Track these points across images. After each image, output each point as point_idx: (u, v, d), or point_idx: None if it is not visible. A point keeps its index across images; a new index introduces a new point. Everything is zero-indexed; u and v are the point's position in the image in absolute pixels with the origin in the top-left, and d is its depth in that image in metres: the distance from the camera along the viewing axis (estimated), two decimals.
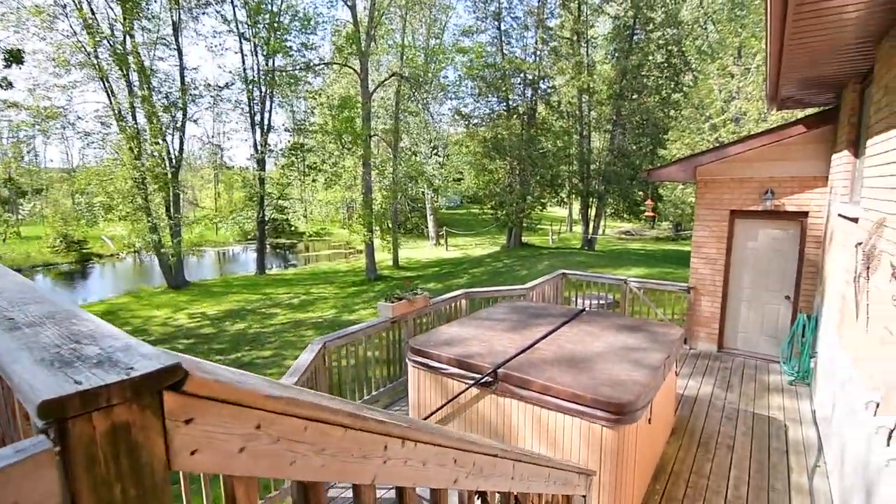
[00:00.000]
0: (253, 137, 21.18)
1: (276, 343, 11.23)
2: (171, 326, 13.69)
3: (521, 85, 22.25)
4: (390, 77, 19.51)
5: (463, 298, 6.09)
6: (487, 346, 3.88)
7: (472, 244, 29.34)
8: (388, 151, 22.19)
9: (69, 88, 15.74)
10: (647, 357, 3.57)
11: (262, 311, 14.73)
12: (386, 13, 19.36)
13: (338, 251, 31.81)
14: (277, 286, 19.04)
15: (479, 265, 20.03)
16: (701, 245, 6.52)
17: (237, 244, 36.56)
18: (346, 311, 13.89)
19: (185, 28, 17.63)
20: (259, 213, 21.74)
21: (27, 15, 14.79)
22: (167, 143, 17.53)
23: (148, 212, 16.86)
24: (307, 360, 3.87)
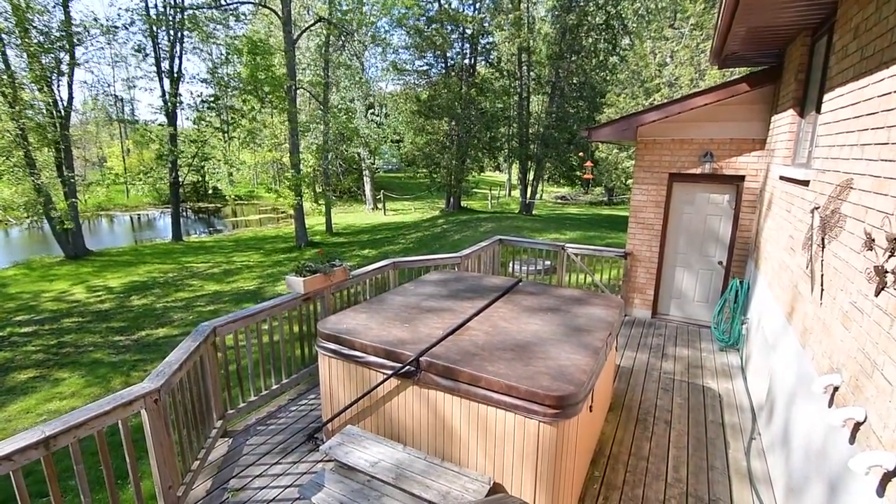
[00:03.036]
0: (161, 87, 18.72)
1: (187, 319, 10.10)
2: (64, 302, 12.00)
3: (459, 40, 21.20)
4: (316, 23, 17.71)
5: (390, 269, 5.48)
6: (411, 329, 3.32)
7: (411, 209, 28.54)
8: (317, 106, 20.50)
9: None
10: (588, 336, 3.18)
11: (175, 283, 13.32)
12: None
13: (268, 216, 29.84)
14: (196, 254, 17.40)
15: (417, 230, 19.40)
16: (639, 210, 6.29)
17: (153, 208, 33.38)
18: (270, 282, 12.85)
19: None
20: (172, 174, 19.56)
21: None
22: (51, 90, 14.97)
23: (31, 170, 14.47)
24: (189, 348, 3.13)
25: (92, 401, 6.71)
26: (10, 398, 6.98)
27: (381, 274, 5.37)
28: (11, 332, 9.94)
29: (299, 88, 17.08)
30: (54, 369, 7.93)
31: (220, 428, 3.66)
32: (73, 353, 8.54)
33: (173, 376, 2.81)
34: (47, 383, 7.42)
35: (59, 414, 6.43)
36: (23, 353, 8.75)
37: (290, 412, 4.16)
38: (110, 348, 8.68)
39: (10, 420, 6.38)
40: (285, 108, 15.22)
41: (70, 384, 7.32)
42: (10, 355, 8.66)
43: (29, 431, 2.21)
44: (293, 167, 16.20)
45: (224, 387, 3.73)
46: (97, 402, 2.49)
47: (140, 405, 2.57)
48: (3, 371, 7.94)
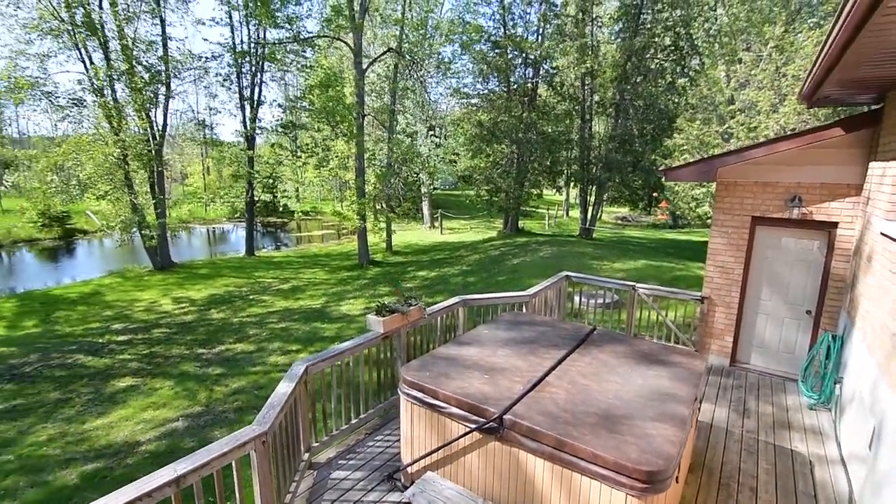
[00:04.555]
0: (242, 113, 20.28)
1: (262, 335, 10.75)
2: (154, 313, 13.16)
3: (522, 65, 21.40)
4: (385, 53, 18.57)
5: (460, 307, 5.63)
6: (491, 381, 3.42)
7: (468, 227, 28.81)
8: (382, 131, 21.38)
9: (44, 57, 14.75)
10: (674, 403, 3.13)
11: (249, 298, 14.23)
12: None
13: (329, 232, 31.17)
14: (267, 269, 18.49)
15: (475, 251, 19.54)
16: (717, 253, 6.06)
17: (227, 221, 35.75)
18: (336, 301, 13.41)
19: None
20: (248, 194, 21.00)
21: None
22: (150, 118, 16.65)
23: (129, 190, 16.10)
24: (287, 390, 3.40)
25: (182, 412, 7.33)
26: (111, 405, 7.74)
27: (452, 312, 5.52)
28: (110, 339, 11.03)
29: (367, 115, 17.90)
30: (148, 378, 8.71)
31: (306, 460, 3.91)
32: (164, 364, 9.35)
33: (276, 419, 3.08)
34: (142, 392, 8.16)
35: (154, 423, 7.07)
36: (120, 360, 9.68)
37: (367, 447, 4.35)
38: (195, 361, 9.42)
39: (111, 426, 7.08)
40: (353, 135, 15.99)
41: (161, 394, 8.01)
42: (110, 362, 9.61)
43: (163, 470, 2.50)
44: (358, 190, 16.91)
45: (311, 421, 3.99)
46: (216, 443, 2.77)
47: (251, 447, 2.83)
48: (104, 378, 8.83)
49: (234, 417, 7.01)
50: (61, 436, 6.85)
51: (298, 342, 10.17)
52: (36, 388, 8.42)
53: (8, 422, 7.28)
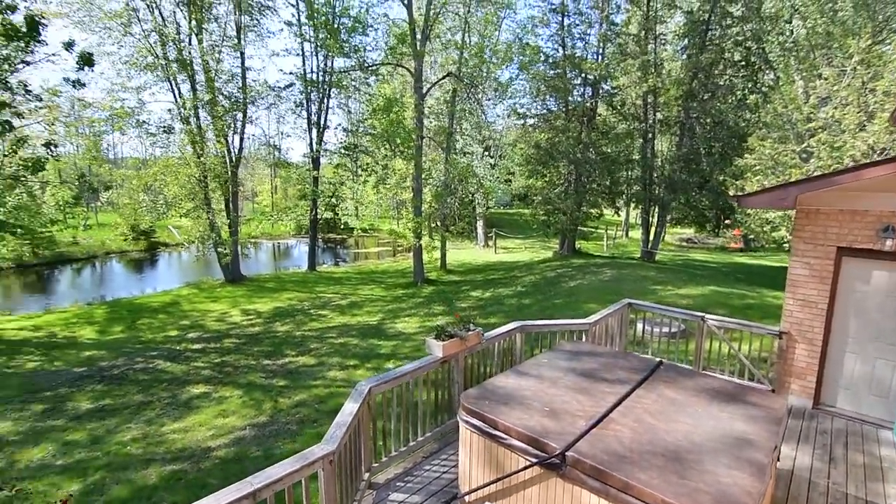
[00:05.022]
0: (309, 136, 21.50)
1: (321, 350, 11.17)
2: (225, 323, 14.04)
3: (581, 85, 21.22)
4: (444, 77, 19.10)
5: (518, 333, 5.60)
6: (553, 414, 3.38)
7: (522, 247, 28.57)
8: (439, 151, 21.87)
9: (140, 90, 16.51)
10: (751, 449, 2.94)
11: (310, 312, 14.84)
12: (443, 11, 18.94)
13: (386, 249, 31.99)
14: (327, 284, 19.25)
15: (530, 272, 19.32)
16: (798, 285, 5.65)
17: (291, 237, 37.58)
18: (392, 318, 13.70)
19: (248, 31, 18.02)
20: (312, 212, 22.09)
21: (105, 20, 15.57)
22: (228, 142, 18.06)
23: (208, 209, 17.46)
24: (352, 410, 3.54)
25: (250, 421, 7.73)
26: (186, 410, 8.31)
27: (509, 337, 5.51)
28: (186, 347, 11.89)
29: (425, 138, 18.42)
30: (218, 386, 9.28)
31: (367, 480, 4.02)
32: (233, 373, 9.93)
33: (343, 439, 3.20)
34: (213, 400, 8.70)
35: (224, 429, 7.51)
36: (195, 368, 10.39)
37: (424, 471, 4.40)
38: (261, 372, 9.93)
39: (186, 431, 7.59)
40: (412, 156, 16.49)
41: (231, 403, 8.50)
42: (186, 369, 10.34)
43: (239, 484, 2.67)
44: (415, 209, 17.32)
45: (373, 441, 4.11)
46: (288, 460, 2.93)
47: (319, 465, 2.97)
48: (181, 383, 9.51)
49: (296, 430, 7.31)
50: (143, 437, 7.43)
51: (356, 358, 10.46)
52: (122, 390, 9.21)
53: (98, 420, 8.00)
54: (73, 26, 15.89)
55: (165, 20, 16.34)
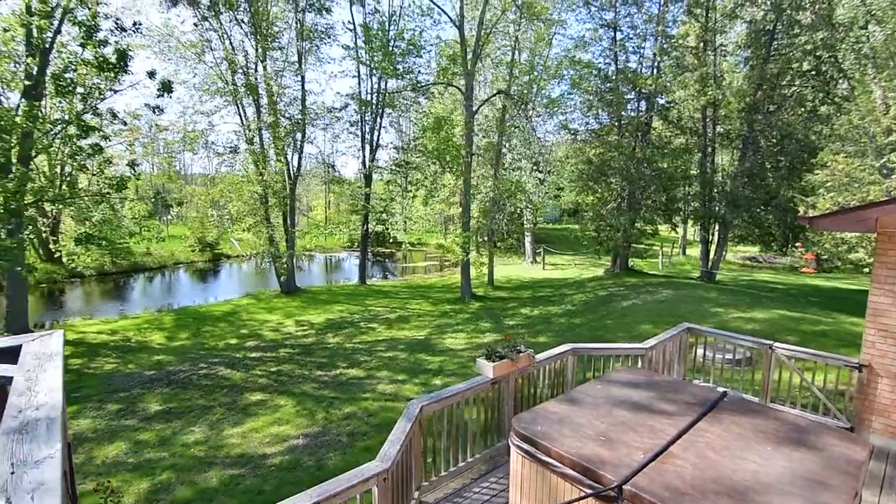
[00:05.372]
0: (362, 154, 22.29)
1: (370, 363, 11.39)
2: (280, 333, 14.65)
3: (635, 99, 20.75)
4: (495, 95, 19.30)
5: (570, 355, 5.49)
6: (608, 443, 3.29)
7: (571, 264, 27.98)
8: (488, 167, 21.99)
9: (210, 113, 17.81)
10: (828, 493, 2.73)
11: (360, 325, 15.20)
12: (493, 31, 19.22)
13: (433, 263, 32.29)
14: (377, 298, 19.67)
15: (580, 290, 18.88)
16: (880, 314, 5.20)
17: (342, 250, 38.76)
18: (439, 334, 13.78)
19: (308, 56, 19.07)
20: (363, 227, 22.76)
21: (182, 50, 17.00)
22: (287, 161, 19.05)
23: (267, 223, 18.43)
24: (404, 428, 3.61)
25: (303, 431, 7.99)
26: (244, 417, 8.71)
27: (561, 360, 5.41)
28: (244, 355, 12.49)
29: (474, 154, 18.61)
30: (274, 395, 9.68)
31: (416, 499, 4.05)
32: (288, 382, 10.32)
33: (396, 456, 3.27)
34: (269, 407, 9.07)
35: (279, 437, 7.80)
36: (252, 375, 10.89)
37: (473, 492, 4.38)
38: (314, 382, 10.26)
39: (244, 436, 7.95)
40: (461, 173, 16.69)
41: (285, 412, 8.83)
42: (245, 376, 10.86)
43: (299, 496, 2.77)
44: (463, 225, 17.45)
45: (423, 460, 4.15)
46: (345, 475, 3.03)
47: (374, 482, 3.04)
48: (240, 390, 9.99)
49: (346, 442, 7.48)
50: (205, 440, 7.85)
51: (404, 372, 10.60)
52: (187, 394, 9.79)
53: (165, 422, 8.54)
54: (154, 56, 17.46)
55: (235, 49, 17.59)
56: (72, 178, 15.50)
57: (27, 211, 13.04)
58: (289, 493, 6.27)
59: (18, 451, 1.07)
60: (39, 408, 1.25)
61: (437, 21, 20.82)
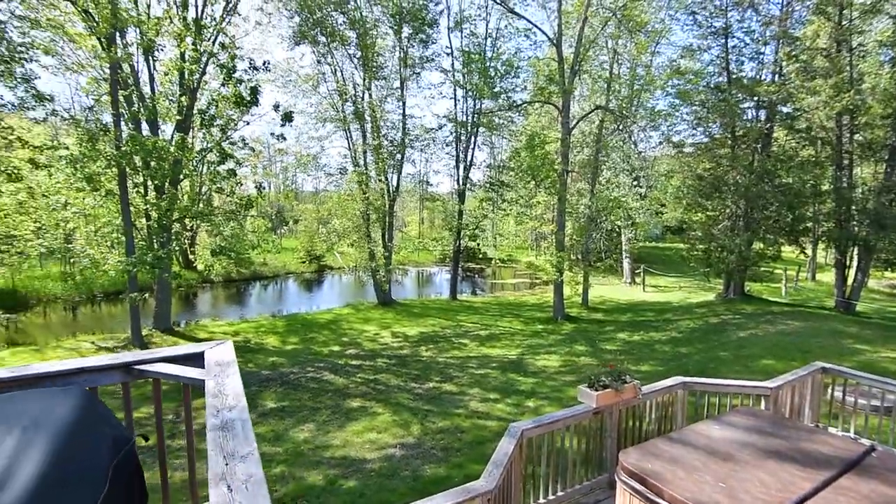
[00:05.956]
0: (457, 173, 22.93)
1: (462, 379, 11.54)
2: (377, 343, 15.42)
3: (754, 108, 18.97)
4: (593, 111, 18.82)
5: (679, 389, 5.14)
6: (728, 491, 3.04)
7: (676, 286, 26.00)
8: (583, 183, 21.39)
9: (322, 138, 19.60)
10: None
11: (452, 340, 15.48)
12: (592, 46, 18.85)
13: (523, 280, 31.91)
14: (467, 313, 19.91)
15: (687, 316, 17.45)
16: None
17: (433, 265, 39.84)
18: (531, 354, 13.56)
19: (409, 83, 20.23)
20: (455, 243, 23.27)
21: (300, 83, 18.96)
22: (388, 180, 20.23)
23: (369, 239, 19.66)
24: (507, 451, 3.64)
25: (399, 440, 8.31)
26: (346, 421, 9.27)
27: (670, 394, 5.08)
28: (346, 362, 13.32)
29: (572, 172, 18.24)
30: (372, 402, 10.19)
31: None
32: (384, 391, 10.82)
33: (500, 478, 3.31)
34: (368, 414, 9.57)
35: (377, 444, 8.20)
36: (353, 382, 11.58)
37: None
38: (408, 393, 10.65)
39: (346, 440, 8.45)
40: (557, 190, 16.43)
41: (382, 420, 9.26)
42: (346, 382, 11.58)
43: None
44: (557, 243, 17.10)
45: (523, 486, 4.14)
46: (451, 491, 3.14)
47: (479, 502, 3.11)
48: (342, 395, 10.66)
49: (440, 456, 7.64)
50: (312, 439, 8.49)
51: (496, 391, 10.58)
52: (297, 395, 10.67)
53: (279, 419, 9.38)
54: (277, 90, 19.67)
55: (345, 80, 19.22)
56: (208, 197, 17.90)
57: (174, 226, 15.29)
58: (387, 499, 6.58)
59: (226, 446, 1.32)
60: (231, 409, 1.53)
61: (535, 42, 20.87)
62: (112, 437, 1.41)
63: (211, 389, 1.69)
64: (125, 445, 1.41)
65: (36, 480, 1.10)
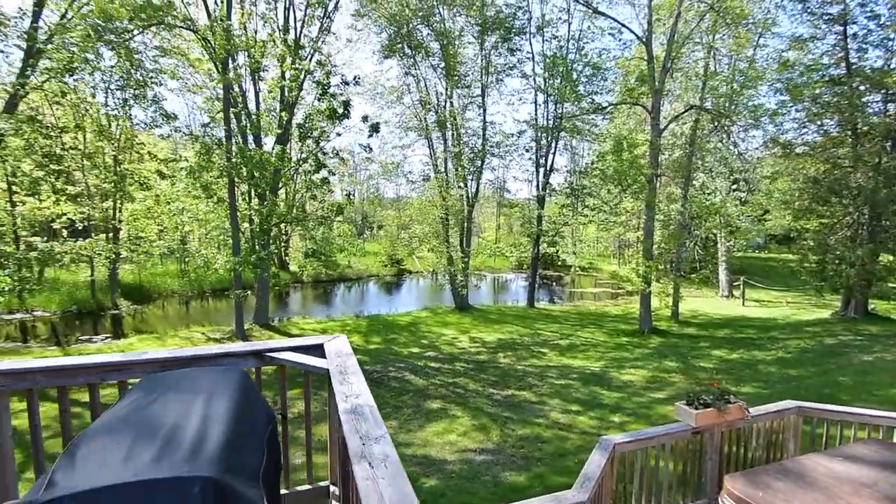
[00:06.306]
0: (536, 178, 22.63)
1: (542, 388, 11.31)
2: (455, 347, 15.61)
3: (880, 102, 16.71)
4: (687, 111, 17.66)
5: (793, 414, 4.66)
6: None
7: (781, 301, 23.51)
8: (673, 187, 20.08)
9: (405, 147, 20.34)
10: None
11: (530, 348, 15.25)
12: (687, 42, 17.71)
13: (604, 290, 30.60)
14: (546, 322, 19.50)
15: (796, 335, 15.71)
16: None
17: (509, 271, 39.52)
18: (616, 367, 12.96)
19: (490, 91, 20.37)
20: (534, 249, 22.94)
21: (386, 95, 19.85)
22: (468, 186, 20.48)
23: (447, 244, 20.02)
24: (599, 464, 3.55)
25: (479, 445, 8.36)
26: (426, 421, 9.48)
27: (782, 419, 4.63)
28: (425, 364, 13.63)
29: (661, 176, 17.25)
30: (451, 405, 10.33)
31: None
32: (463, 395, 10.93)
33: (592, 490, 3.23)
34: (447, 417, 9.71)
35: (457, 446, 8.31)
36: (432, 384, 11.82)
37: None
38: (487, 399, 10.65)
39: (427, 440, 8.64)
40: (645, 196, 15.62)
41: (461, 423, 9.35)
42: (426, 383, 11.84)
43: None
44: (645, 252, 16.22)
45: (613, 501, 3.99)
46: (540, 498, 3.12)
47: None
48: (422, 396, 10.93)
49: (521, 464, 7.56)
50: (394, 436, 8.79)
51: (577, 403, 10.25)
52: (380, 393, 11.10)
53: None
54: (365, 102, 20.78)
55: (428, 90, 19.81)
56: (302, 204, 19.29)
57: (273, 230, 16.65)
58: (468, 502, 6.63)
59: (360, 428, 1.46)
60: (358, 396, 1.68)
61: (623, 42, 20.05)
62: (265, 413, 1.64)
63: (336, 377, 1.86)
64: (273, 421, 1.63)
65: (226, 435, 1.35)
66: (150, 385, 1.68)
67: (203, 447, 1.28)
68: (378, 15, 18.92)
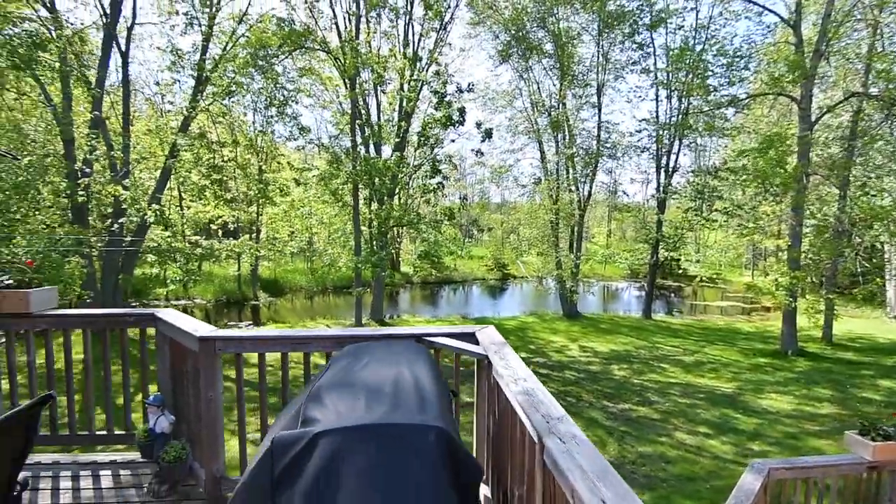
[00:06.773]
0: (657, 180, 21.13)
1: (664, 406, 10.50)
2: (565, 355, 15.16)
3: None
4: (846, 99, 15.18)
5: None
6: None
7: None
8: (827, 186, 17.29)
9: (516, 151, 20.33)
10: None
11: (648, 362, 14.25)
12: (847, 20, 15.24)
13: (733, 304, 27.42)
14: (664, 335, 18.08)
15: None
16: None
17: (620, 280, 37.29)
18: (752, 390, 11.55)
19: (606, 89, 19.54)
20: (652, 256, 21.41)
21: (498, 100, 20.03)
22: (579, 190, 19.83)
23: (557, 249, 19.54)
24: (752, 490, 3.22)
25: None
26: None
27: None
28: (534, 369, 13.38)
29: (813, 175, 15.05)
30: None
31: None
32: (575, 405, 10.57)
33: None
34: None
35: None
36: None
37: None
38: (601, 411, 10.18)
39: None
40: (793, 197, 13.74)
41: None
42: None
43: None
44: (791, 262, 14.25)
45: None
46: None
47: None
48: None
49: (643, 482, 7.11)
50: None
51: (706, 426, 9.34)
52: None
53: None
54: (476, 108, 21.19)
55: (541, 91, 19.60)
56: (416, 208, 20.25)
57: (389, 233, 17.70)
58: None
59: (539, 408, 1.53)
60: (526, 380, 1.75)
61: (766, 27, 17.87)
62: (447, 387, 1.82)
63: (498, 362, 1.96)
64: (451, 396, 1.79)
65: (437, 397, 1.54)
66: (356, 352, 1.96)
67: (425, 404, 1.49)
68: (493, 21, 19.21)
